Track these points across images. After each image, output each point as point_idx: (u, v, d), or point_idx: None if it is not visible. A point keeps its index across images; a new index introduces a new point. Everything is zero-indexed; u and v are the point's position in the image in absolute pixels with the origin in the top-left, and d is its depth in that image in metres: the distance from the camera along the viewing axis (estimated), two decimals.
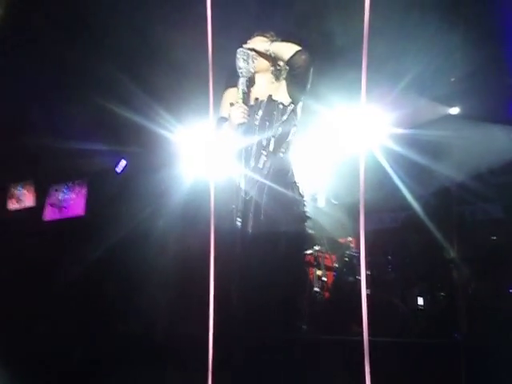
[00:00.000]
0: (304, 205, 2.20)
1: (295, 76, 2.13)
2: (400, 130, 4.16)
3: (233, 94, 2.21)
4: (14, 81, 4.37)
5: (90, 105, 4.80)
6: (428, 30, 3.42)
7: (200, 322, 1.75)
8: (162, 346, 3.10)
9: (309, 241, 3.73)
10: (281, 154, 2.16)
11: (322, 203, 4.73)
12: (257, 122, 2.15)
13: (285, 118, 2.17)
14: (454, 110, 4.39)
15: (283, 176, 2.15)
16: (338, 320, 3.36)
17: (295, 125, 2.23)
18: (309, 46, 3.73)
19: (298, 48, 2.11)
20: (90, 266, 4.62)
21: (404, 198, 4.08)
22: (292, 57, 2.09)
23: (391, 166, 4.08)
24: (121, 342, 3.31)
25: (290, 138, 2.20)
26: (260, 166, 2.12)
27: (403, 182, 4.17)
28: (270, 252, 2.01)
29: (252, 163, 2.11)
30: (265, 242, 2.01)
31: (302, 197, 2.20)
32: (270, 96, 2.19)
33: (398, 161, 4.09)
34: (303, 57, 2.09)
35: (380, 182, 4.34)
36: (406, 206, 4.07)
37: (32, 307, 4.20)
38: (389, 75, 3.71)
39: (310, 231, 4.18)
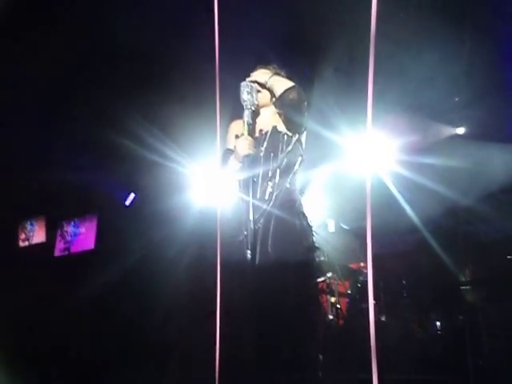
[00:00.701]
0: (313, 235, 2.16)
1: (287, 112, 2.15)
2: (407, 153, 4.16)
3: (238, 126, 2.22)
4: (26, 118, 4.46)
5: (99, 139, 4.89)
6: (433, 52, 3.48)
7: (209, 358, 1.72)
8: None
9: (319, 270, 3.70)
10: (287, 185, 2.13)
11: (332, 229, 4.71)
12: (262, 154, 2.15)
13: (290, 148, 2.16)
14: (460, 130, 4.40)
15: (290, 207, 2.12)
16: (353, 347, 3.28)
17: (301, 155, 2.23)
18: (312, 75, 3.85)
19: (290, 85, 2.12)
20: (101, 298, 4.61)
21: (414, 221, 4.05)
22: (282, 94, 2.10)
23: (400, 189, 4.07)
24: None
25: (296, 168, 2.19)
26: (266, 197, 2.10)
27: (413, 204, 4.15)
28: (279, 284, 1.97)
29: (258, 194, 2.09)
30: (273, 274, 1.96)
31: (311, 227, 2.17)
32: (275, 127, 2.19)
33: (407, 183, 4.07)
34: (292, 95, 2.09)
35: (389, 205, 4.32)
36: (417, 229, 4.03)
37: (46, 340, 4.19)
38: (394, 98, 3.74)
39: (322, 259, 4.16)
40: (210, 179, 4.37)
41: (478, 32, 3.39)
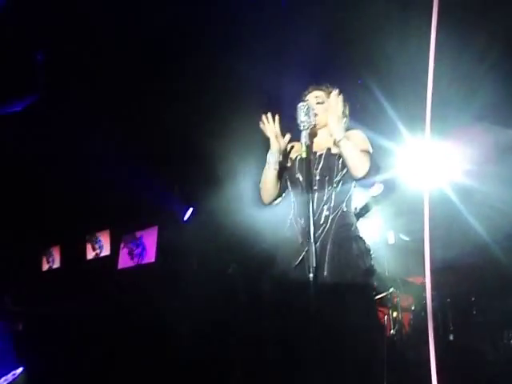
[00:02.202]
0: (371, 258, 2.12)
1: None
2: (476, 163, 3.98)
3: (293, 148, 2.26)
4: (89, 134, 4.67)
5: (158, 154, 5.05)
6: (500, 58, 3.33)
7: None
8: None
9: (377, 290, 3.62)
10: (344, 208, 2.11)
11: (392, 240, 4.57)
12: (317, 177, 2.14)
13: (345, 171, 2.11)
14: None
15: (346, 231, 2.08)
16: (416, 362, 3.15)
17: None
18: (367, 82, 3.78)
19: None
20: (163, 311, 4.73)
21: (482, 234, 3.84)
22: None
23: (466, 200, 3.89)
24: None
25: (351, 191, 2.16)
26: (321, 221, 2.07)
27: (478, 215, 3.95)
28: (337, 309, 1.94)
29: (314, 218, 2.07)
30: (329, 298, 1.94)
31: (369, 250, 2.12)
32: (329, 149, 2.17)
33: (474, 195, 3.89)
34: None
35: (454, 216, 4.14)
36: (485, 243, 3.82)
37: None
38: (461, 106, 3.61)
39: (383, 273, 4.05)
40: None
41: None
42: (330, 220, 2.05)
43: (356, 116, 2.44)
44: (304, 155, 2.01)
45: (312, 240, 1.89)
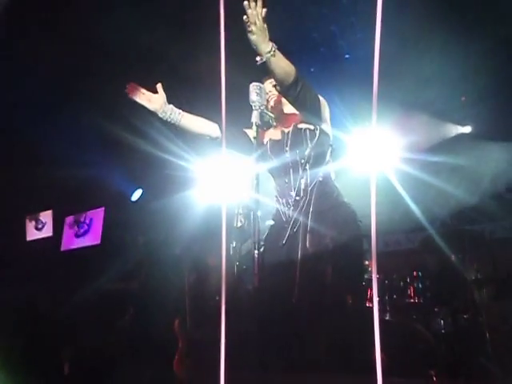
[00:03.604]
0: (359, 221, 2.14)
1: (301, 107, 2.16)
2: (414, 151, 4.15)
3: (266, 133, 2.28)
4: (31, 111, 4.48)
5: (107, 134, 4.90)
6: (440, 51, 3.46)
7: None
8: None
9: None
10: (320, 178, 2.14)
11: None
12: (288, 154, 2.16)
13: (315, 141, 2.16)
14: (467, 129, 4.38)
15: (328, 198, 2.12)
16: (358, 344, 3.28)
17: (331, 145, 2.23)
18: (316, 72, 3.83)
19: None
20: (106, 293, 4.64)
21: (420, 219, 4.04)
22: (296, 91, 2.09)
23: (406, 188, 4.06)
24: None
25: (327, 159, 2.20)
26: (301, 195, 2.11)
27: (418, 203, 4.14)
28: (322, 279, 2.00)
29: (294, 195, 2.10)
30: (315, 269, 1.99)
31: (355, 215, 2.16)
32: (295, 125, 2.20)
33: (413, 182, 4.06)
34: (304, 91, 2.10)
35: (395, 203, 4.31)
36: (423, 227, 4.02)
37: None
38: (400, 97, 3.73)
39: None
40: (219, 177, 4.36)
41: (485, 29, 3.37)
42: (308, 192, 2.09)
43: None
44: (255, 135, 2.03)
45: (286, 219, 1.94)
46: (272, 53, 1.91)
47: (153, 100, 2.14)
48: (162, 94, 2.16)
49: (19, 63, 3.99)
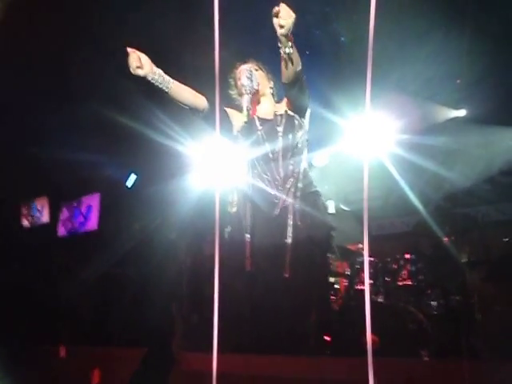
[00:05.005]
0: (329, 212, 2.28)
1: (293, 96, 2.21)
2: (407, 135, 4.16)
3: (233, 114, 2.28)
4: (24, 94, 4.45)
5: (100, 118, 4.87)
6: (435, 33, 3.44)
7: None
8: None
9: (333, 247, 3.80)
10: (305, 165, 2.25)
11: (332, 210, 4.74)
12: (280, 134, 2.20)
13: (301, 131, 2.26)
14: (461, 113, 4.38)
15: (309, 185, 2.22)
16: (350, 328, 3.34)
17: (307, 139, 2.31)
18: (312, 54, 3.81)
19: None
20: (103, 278, 4.68)
21: (414, 203, 4.06)
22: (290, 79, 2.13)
23: (400, 171, 4.07)
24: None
25: (306, 149, 2.27)
26: (288, 174, 2.18)
27: (413, 186, 4.16)
28: (308, 258, 2.07)
29: (281, 172, 2.16)
30: (304, 248, 2.06)
31: (326, 204, 2.28)
32: (286, 111, 2.25)
33: (407, 166, 4.08)
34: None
35: (389, 187, 4.34)
36: (417, 211, 4.05)
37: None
38: (394, 80, 3.72)
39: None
40: (214, 160, 4.37)
41: (480, 10, 3.34)
42: (295, 174, 2.15)
43: None
44: (245, 119, 2.06)
45: (274, 198, 1.99)
46: (292, 44, 1.97)
47: (143, 62, 2.04)
48: (147, 58, 2.09)
49: (18, 49, 3.95)
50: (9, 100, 4.51)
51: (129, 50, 2.03)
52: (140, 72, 2.02)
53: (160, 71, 2.08)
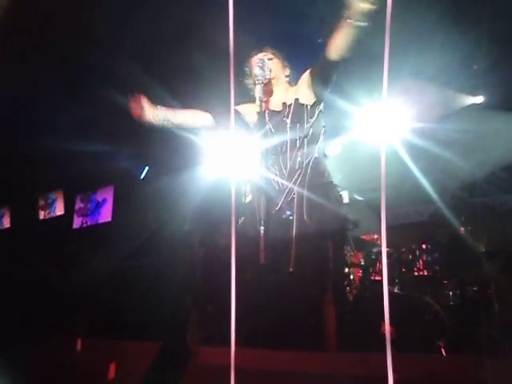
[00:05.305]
0: (344, 203, 2.22)
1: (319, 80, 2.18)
2: (424, 123, 4.08)
3: (247, 107, 2.26)
4: (39, 88, 4.47)
5: (113, 109, 4.88)
6: (451, 19, 3.36)
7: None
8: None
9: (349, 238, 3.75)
10: (316, 155, 2.18)
11: (346, 200, 4.70)
12: (288, 126, 2.17)
13: (314, 118, 2.21)
14: (478, 99, 4.29)
15: (320, 176, 2.17)
16: (365, 318, 3.32)
17: (324, 126, 2.26)
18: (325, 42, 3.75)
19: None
20: (117, 270, 4.72)
21: (429, 192, 4.00)
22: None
23: (415, 160, 4.01)
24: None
25: (321, 138, 2.22)
26: (296, 166, 2.14)
27: (428, 175, 4.10)
28: (318, 254, 2.03)
29: (288, 164, 2.13)
30: (311, 242, 2.02)
31: (341, 196, 2.24)
32: (297, 99, 2.22)
33: (423, 154, 4.01)
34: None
35: (404, 176, 4.28)
36: (432, 200, 3.99)
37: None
38: (411, 67, 3.65)
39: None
40: (228, 151, 4.35)
41: None
42: (304, 165, 2.12)
43: None
44: (258, 110, 2.04)
45: (282, 188, 1.96)
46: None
47: (145, 108, 2.19)
48: (147, 102, 2.20)
49: (28, 41, 3.96)
50: (25, 95, 4.55)
51: (131, 98, 2.10)
52: (144, 118, 2.16)
53: (162, 112, 2.14)
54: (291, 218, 2.04)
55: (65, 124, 4.91)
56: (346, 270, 3.94)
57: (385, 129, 3.48)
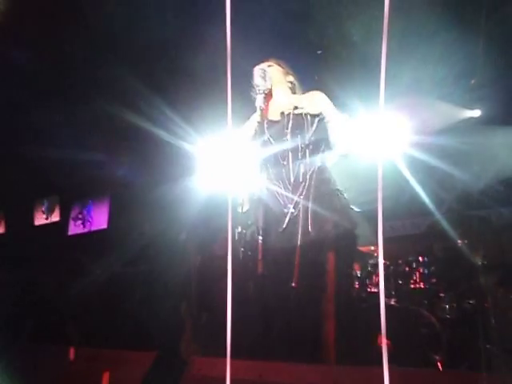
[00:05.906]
0: (352, 210, 2.18)
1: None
2: (421, 136, 4.10)
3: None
4: (34, 95, 4.47)
5: (110, 119, 4.88)
6: (449, 32, 3.39)
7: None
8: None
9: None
10: (318, 164, 2.15)
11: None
12: (288, 136, 2.14)
13: (314, 127, 2.16)
14: (476, 113, 4.31)
15: (325, 185, 2.14)
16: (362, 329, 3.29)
17: (326, 133, 2.23)
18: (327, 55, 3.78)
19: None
20: (114, 277, 4.68)
21: (426, 204, 4.01)
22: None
23: (412, 172, 4.02)
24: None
25: (323, 146, 2.19)
26: (300, 178, 2.10)
27: (425, 187, 4.10)
28: (324, 266, 1.99)
29: (292, 177, 2.09)
30: (316, 254, 1.99)
31: (349, 203, 2.19)
32: (296, 108, 2.19)
33: (420, 166, 4.02)
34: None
35: (401, 188, 4.28)
36: (429, 212, 3.99)
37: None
38: (408, 80, 3.67)
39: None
40: (224, 162, 4.34)
41: (495, 8, 3.28)
42: (308, 177, 2.08)
43: (313, 87, 2.46)
44: (258, 119, 2.02)
45: (286, 201, 1.93)
46: None
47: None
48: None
49: (26, 47, 3.97)
50: (21, 101, 4.55)
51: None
52: None
53: None
54: (295, 230, 2.00)
55: (62, 131, 4.91)
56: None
57: (382, 141, 3.50)
